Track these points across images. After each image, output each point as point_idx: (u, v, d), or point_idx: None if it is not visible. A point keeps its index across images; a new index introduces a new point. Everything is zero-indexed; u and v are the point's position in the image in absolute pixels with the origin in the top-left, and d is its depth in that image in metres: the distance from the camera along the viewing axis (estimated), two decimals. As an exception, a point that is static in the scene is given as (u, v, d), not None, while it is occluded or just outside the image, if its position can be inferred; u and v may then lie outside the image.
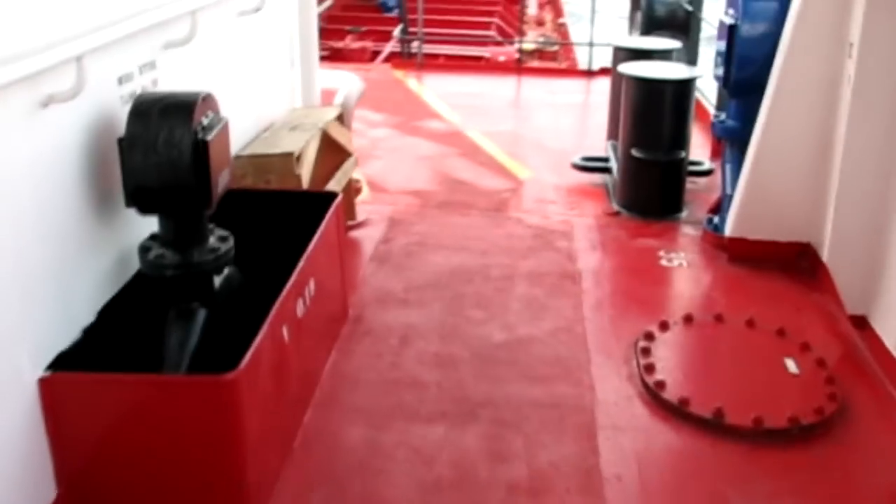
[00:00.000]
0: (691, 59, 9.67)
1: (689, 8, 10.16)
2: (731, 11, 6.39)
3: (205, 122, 3.87)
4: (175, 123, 3.75)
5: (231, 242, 4.18)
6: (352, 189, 6.76)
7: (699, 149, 8.17)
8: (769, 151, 6.11)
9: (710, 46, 7.11)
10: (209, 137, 3.80)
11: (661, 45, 8.29)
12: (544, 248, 6.62)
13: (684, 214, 7.25)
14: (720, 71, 6.48)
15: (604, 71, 12.18)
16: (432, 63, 13.11)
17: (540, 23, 20.33)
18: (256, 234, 4.86)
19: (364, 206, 7.18)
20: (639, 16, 11.20)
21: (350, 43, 15.91)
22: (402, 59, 13.36)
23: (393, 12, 16.13)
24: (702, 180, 7.80)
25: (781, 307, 5.78)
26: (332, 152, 6.36)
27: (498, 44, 16.82)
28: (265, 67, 6.19)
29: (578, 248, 6.61)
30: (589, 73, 12.26)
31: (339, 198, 5.22)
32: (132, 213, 3.92)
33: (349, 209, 6.77)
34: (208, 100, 3.96)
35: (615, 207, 7.35)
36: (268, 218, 5.12)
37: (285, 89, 6.66)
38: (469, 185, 7.89)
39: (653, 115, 7.12)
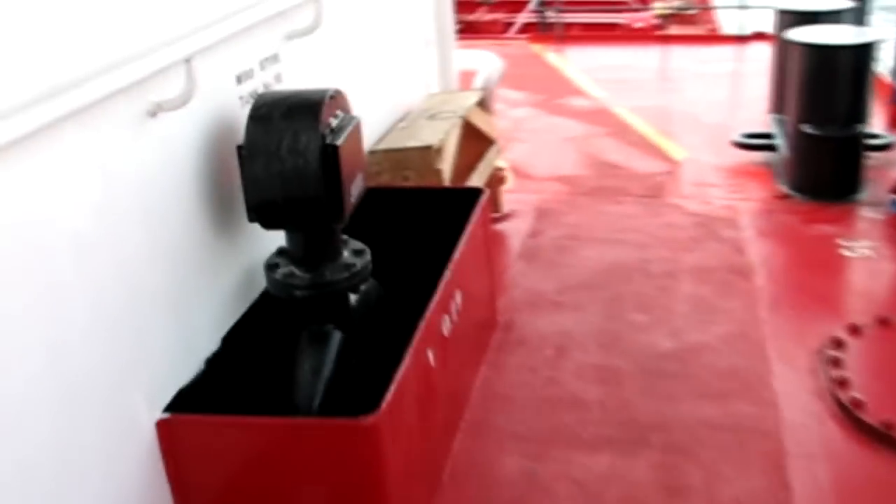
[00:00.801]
0: (860, 19, 8.80)
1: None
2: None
3: (334, 123, 3.41)
4: (300, 127, 3.30)
5: (367, 257, 3.72)
6: (496, 178, 6.26)
7: (874, 118, 7.37)
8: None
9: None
10: (339, 141, 3.34)
11: (832, 4, 7.51)
12: (708, 238, 6.00)
13: (864, 195, 6.51)
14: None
15: (758, 36, 11.36)
16: (570, 34, 12.47)
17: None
18: (395, 237, 4.44)
19: (509, 195, 6.67)
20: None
21: (482, 15, 15.39)
22: (540, 31, 12.76)
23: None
24: (880, 155, 7.02)
25: None
26: (475, 141, 5.88)
27: (634, 10, 16.06)
28: (398, 51, 5.75)
29: (746, 238, 5.97)
30: (741, 39, 11.41)
31: (486, 194, 4.72)
32: (256, 227, 3.50)
33: (494, 201, 6.27)
34: (337, 98, 3.50)
35: (785, 189, 6.66)
36: (407, 218, 4.68)
37: (421, 73, 6.21)
38: (621, 169, 7.30)
39: (827, 85, 6.39)
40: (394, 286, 4.10)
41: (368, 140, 5.06)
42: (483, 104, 6.02)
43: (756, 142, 7.35)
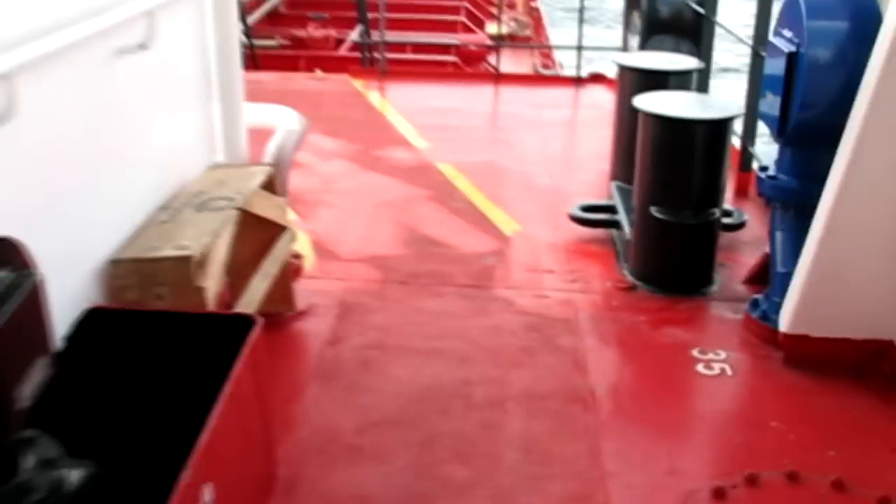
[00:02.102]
0: (705, 82, 8.05)
1: (700, 9, 8.53)
2: (786, 32, 4.81)
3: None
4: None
5: (64, 472, 2.54)
6: (290, 270, 5.13)
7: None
8: (845, 224, 4.54)
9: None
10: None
11: (677, 64, 6.69)
12: (543, 347, 5.01)
13: (716, 287, 5.67)
14: (768, 107, 4.92)
15: (595, 78, 10.62)
16: (398, 69, 11.43)
17: (511, 5, 19.09)
18: (137, 380, 3.30)
19: (308, 282, 5.55)
20: (636, 17, 9.65)
21: (313, 31, 14.26)
22: (363, 66, 11.70)
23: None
24: (732, 235, 6.22)
25: (872, 445, 4.24)
26: (260, 229, 4.74)
27: (469, 30, 15.27)
28: (163, 111, 4.55)
29: (587, 347, 5.01)
30: (577, 81, 10.62)
31: (257, 325, 3.57)
32: None
33: (286, 296, 5.14)
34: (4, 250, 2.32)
35: (629, 278, 5.76)
36: (154, 353, 3.51)
37: (198, 138, 5.01)
38: (442, 247, 6.25)
39: (680, 164, 5.51)
40: (128, 457, 2.97)
41: (113, 240, 3.89)
42: (271, 184, 4.87)
43: (596, 217, 6.45)
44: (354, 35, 12.35)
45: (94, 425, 3.30)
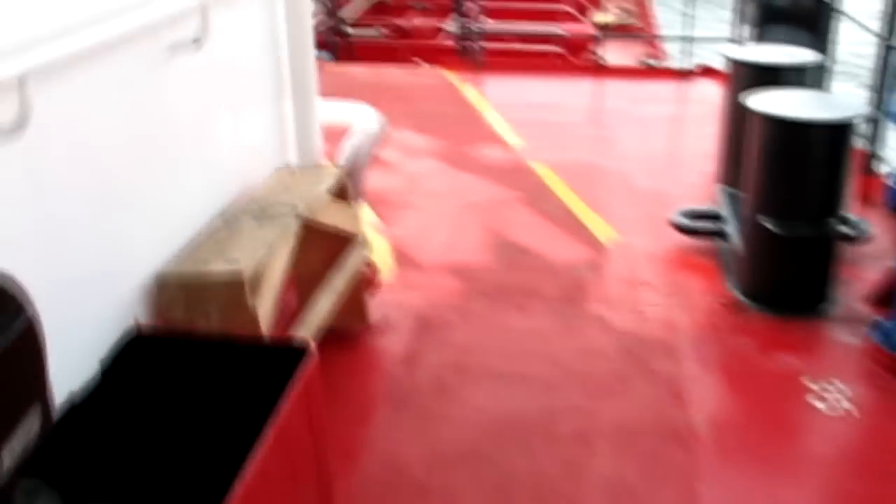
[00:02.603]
0: (822, 79, 7.41)
1: (821, -4, 7.88)
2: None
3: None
4: None
5: None
6: (362, 281, 4.75)
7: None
8: None
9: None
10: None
11: (792, 58, 6.10)
12: (637, 373, 4.53)
13: (835, 307, 5.11)
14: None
15: (705, 72, 10.01)
16: (496, 61, 10.98)
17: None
18: (179, 406, 2.97)
19: (386, 293, 5.17)
20: (749, 4, 9.04)
21: (415, 20, 13.88)
22: (460, 57, 11.26)
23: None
24: (853, 248, 5.63)
25: None
26: (327, 238, 4.37)
27: (573, 19, 14.72)
28: (224, 113, 4.19)
29: (687, 375, 4.52)
30: (684, 75, 10.03)
31: (311, 356, 3.17)
32: None
33: (358, 310, 4.76)
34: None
35: (735, 295, 5.23)
36: (199, 379, 3.16)
37: (266, 139, 4.65)
38: (532, 256, 5.80)
39: (795, 170, 4.95)
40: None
41: (163, 252, 3.55)
42: (343, 188, 4.49)
43: (700, 225, 5.91)
44: (450, 25, 11.91)
45: (128, 460, 2.99)
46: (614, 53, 12.98)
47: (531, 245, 5.92)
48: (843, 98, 5.46)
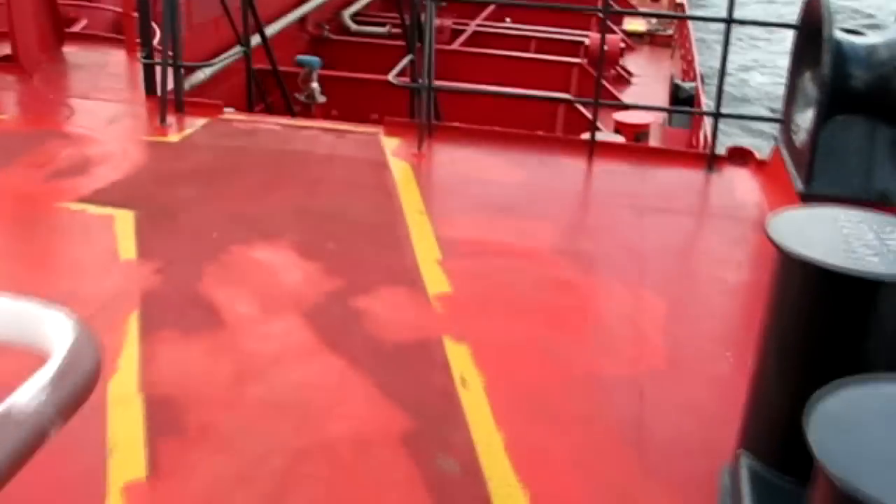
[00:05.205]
0: None
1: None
2: None
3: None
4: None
5: None
6: None
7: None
8: None
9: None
10: None
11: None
12: None
13: None
14: None
15: (737, 155, 7.19)
16: (464, 113, 8.12)
17: (654, -2, 17.98)
18: None
19: None
20: (808, 83, 6.27)
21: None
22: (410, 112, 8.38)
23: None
24: None
25: None
26: None
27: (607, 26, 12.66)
28: None
29: None
30: (710, 161, 7.09)
31: None
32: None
33: None
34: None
35: None
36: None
37: None
38: None
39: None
40: None
41: None
42: None
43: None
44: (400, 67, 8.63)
45: None
46: (645, 66, 12.11)
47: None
48: None
